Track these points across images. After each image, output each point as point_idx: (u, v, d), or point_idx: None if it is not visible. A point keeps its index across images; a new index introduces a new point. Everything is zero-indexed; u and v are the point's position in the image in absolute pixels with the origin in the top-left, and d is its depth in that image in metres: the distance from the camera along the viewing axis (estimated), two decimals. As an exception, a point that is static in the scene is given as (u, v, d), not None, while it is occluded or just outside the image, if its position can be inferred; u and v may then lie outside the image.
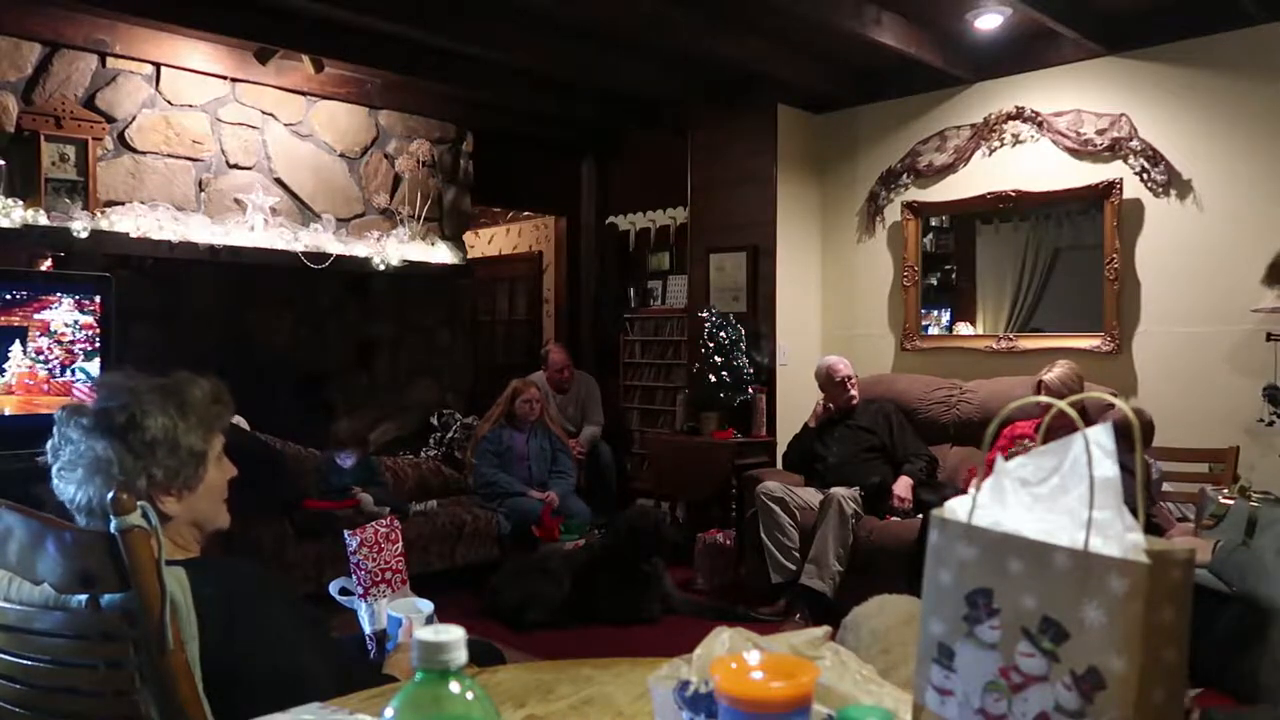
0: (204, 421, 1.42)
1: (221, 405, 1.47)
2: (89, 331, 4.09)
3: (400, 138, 5.70)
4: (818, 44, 4.75)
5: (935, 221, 5.27)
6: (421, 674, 0.69)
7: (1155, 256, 4.38)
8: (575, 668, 1.25)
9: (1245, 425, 4.02)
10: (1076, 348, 4.51)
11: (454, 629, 0.69)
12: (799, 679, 0.75)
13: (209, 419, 1.44)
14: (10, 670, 1.25)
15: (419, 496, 4.88)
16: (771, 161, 5.28)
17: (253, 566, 1.39)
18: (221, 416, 1.47)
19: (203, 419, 1.42)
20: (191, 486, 1.40)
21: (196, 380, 1.45)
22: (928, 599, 0.86)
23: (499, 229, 8.48)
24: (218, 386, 1.48)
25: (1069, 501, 0.77)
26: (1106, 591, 0.71)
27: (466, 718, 0.68)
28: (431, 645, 0.68)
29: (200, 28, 4.44)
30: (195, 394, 1.43)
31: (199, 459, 1.41)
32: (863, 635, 1.56)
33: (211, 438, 1.44)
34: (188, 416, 1.40)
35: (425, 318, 5.85)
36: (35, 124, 4.20)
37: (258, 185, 4.98)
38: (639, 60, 5.11)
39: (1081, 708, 0.72)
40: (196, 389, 1.44)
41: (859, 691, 0.95)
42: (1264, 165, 4.08)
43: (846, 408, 4.56)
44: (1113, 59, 4.46)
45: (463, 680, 0.69)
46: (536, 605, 4.00)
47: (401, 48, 4.78)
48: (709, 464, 5.09)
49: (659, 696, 0.92)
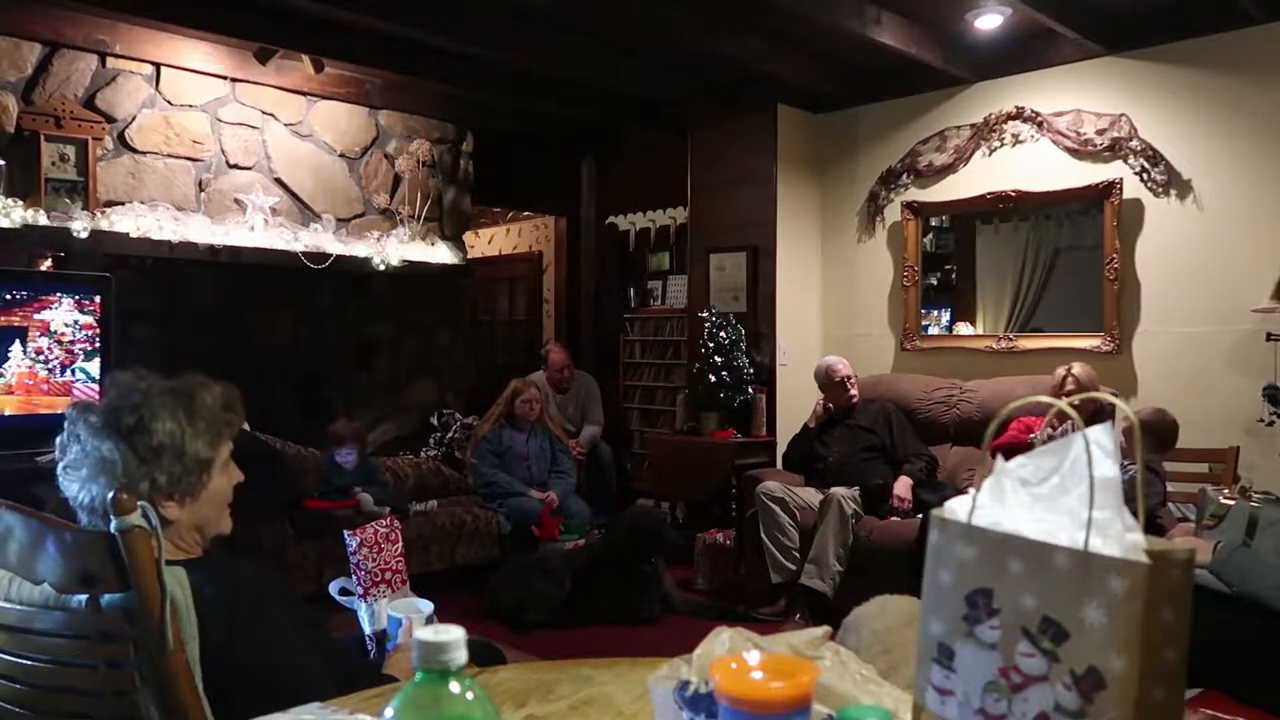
0: (212, 428, 1.41)
1: (232, 413, 1.45)
2: (89, 331, 4.09)
3: (400, 138, 5.70)
4: (818, 44, 4.75)
5: (935, 221, 5.27)
6: (421, 674, 0.69)
7: (1155, 256, 4.38)
8: (575, 668, 1.26)
9: (1245, 425, 4.02)
10: (1076, 348, 4.51)
11: (454, 629, 0.69)
12: (799, 679, 0.75)
13: (218, 425, 1.42)
14: (10, 670, 1.25)
15: (419, 496, 4.88)
16: (771, 161, 5.28)
17: (253, 567, 1.38)
18: (231, 424, 1.45)
19: (211, 425, 1.41)
20: (195, 493, 1.39)
21: (209, 385, 1.44)
22: (927, 599, 0.86)
23: (499, 229, 8.48)
24: (230, 393, 1.46)
25: (1069, 501, 0.77)
26: (1106, 591, 0.71)
27: (467, 718, 0.68)
28: (431, 645, 0.68)
29: (200, 28, 4.44)
30: (206, 399, 1.41)
31: (204, 466, 1.39)
32: (864, 635, 1.56)
33: (219, 444, 1.42)
34: (196, 422, 1.38)
35: (425, 318, 5.85)
36: (35, 124, 4.20)
37: (258, 185, 4.98)
38: (639, 60, 5.11)
39: (1081, 708, 0.72)
40: (208, 394, 1.42)
41: (859, 691, 0.95)
42: (1264, 165, 4.08)
43: (846, 408, 4.56)
44: (1113, 59, 4.46)
45: (463, 680, 0.69)
46: (536, 605, 4.00)
47: (401, 48, 4.78)
48: (709, 464, 5.09)
49: (659, 696, 0.92)
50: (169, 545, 1.29)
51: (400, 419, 5.70)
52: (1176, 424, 3.61)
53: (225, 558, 1.41)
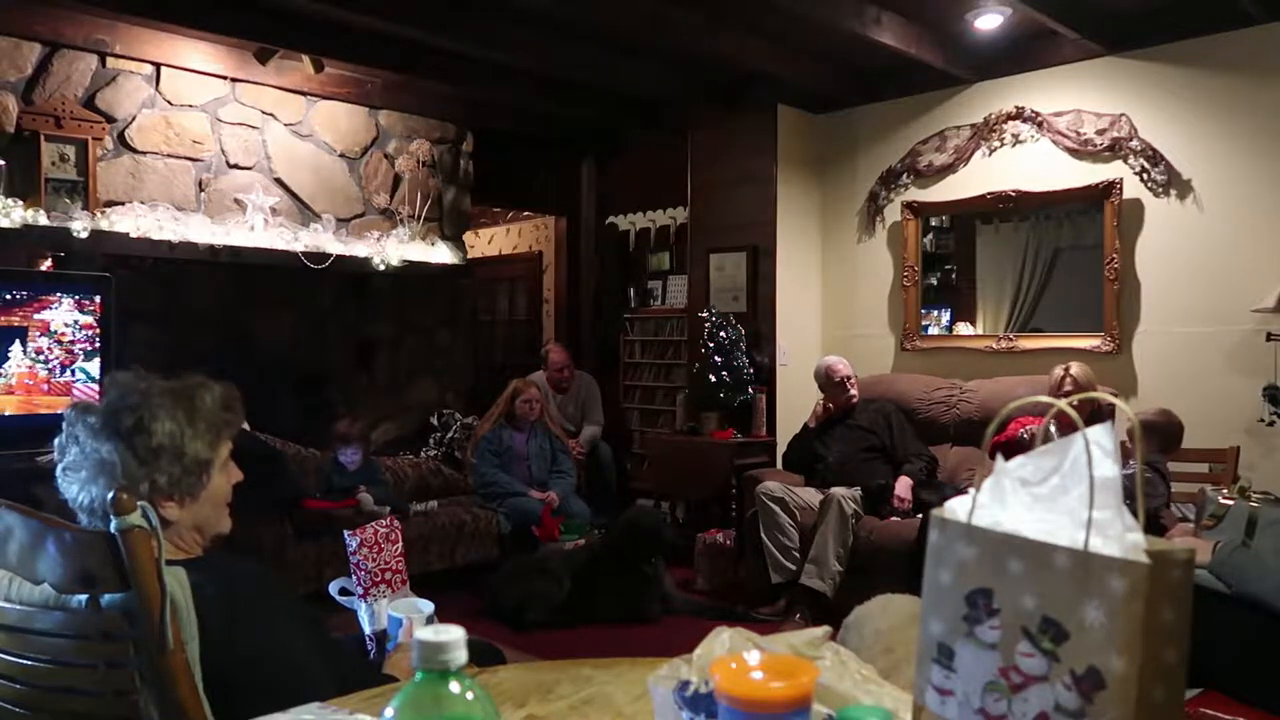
0: (212, 428, 1.40)
1: (232, 413, 1.45)
2: (89, 331, 4.09)
3: (400, 138, 5.70)
4: (818, 44, 4.75)
5: (935, 221, 5.27)
6: (422, 674, 0.69)
7: (1155, 256, 4.38)
8: (575, 668, 1.25)
9: (1245, 425, 4.02)
10: (1076, 348, 4.51)
11: (454, 629, 0.69)
12: (799, 679, 0.75)
13: (217, 426, 1.42)
14: (10, 670, 1.24)
15: (419, 496, 4.89)
16: (771, 162, 5.28)
17: (253, 566, 1.38)
18: (231, 424, 1.45)
19: (211, 426, 1.40)
20: (194, 494, 1.39)
21: (209, 385, 1.43)
22: (927, 599, 0.86)
23: (499, 229, 8.48)
24: (229, 393, 1.46)
25: (1069, 501, 0.77)
26: (1106, 591, 0.71)
27: (467, 717, 0.68)
28: (432, 645, 0.68)
29: (200, 28, 4.44)
30: (206, 400, 1.41)
31: (203, 466, 1.39)
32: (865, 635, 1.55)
33: (219, 445, 1.42)
34: (195, 423, 1.38)
35: (425, 318, 5.85)
36: (35, 124, 4.20)
37: (258, 185, 4.98)
38: (639, 60, 5.11)
39: (1081, 708, 0.72)
40: (207, 394, 1.42)
41: (859, 691, 0.95)
42: (1264, 165, 4.08)
43: (846, 407, 4.56)
44: (1113, 59, 4.46)
45: (463, 680, 0.69)
46: (536, 605, 4.00)
47: (401, 48, 4.78)
48: (709, 464, 5.09)
49: (659, 696, 0.92)
50: (169, 545, 1.29)
51: (400, 419, 5.70)
52: (1182, 425, 3.61)
53: (225, 557, 1.41)
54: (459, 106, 5.82)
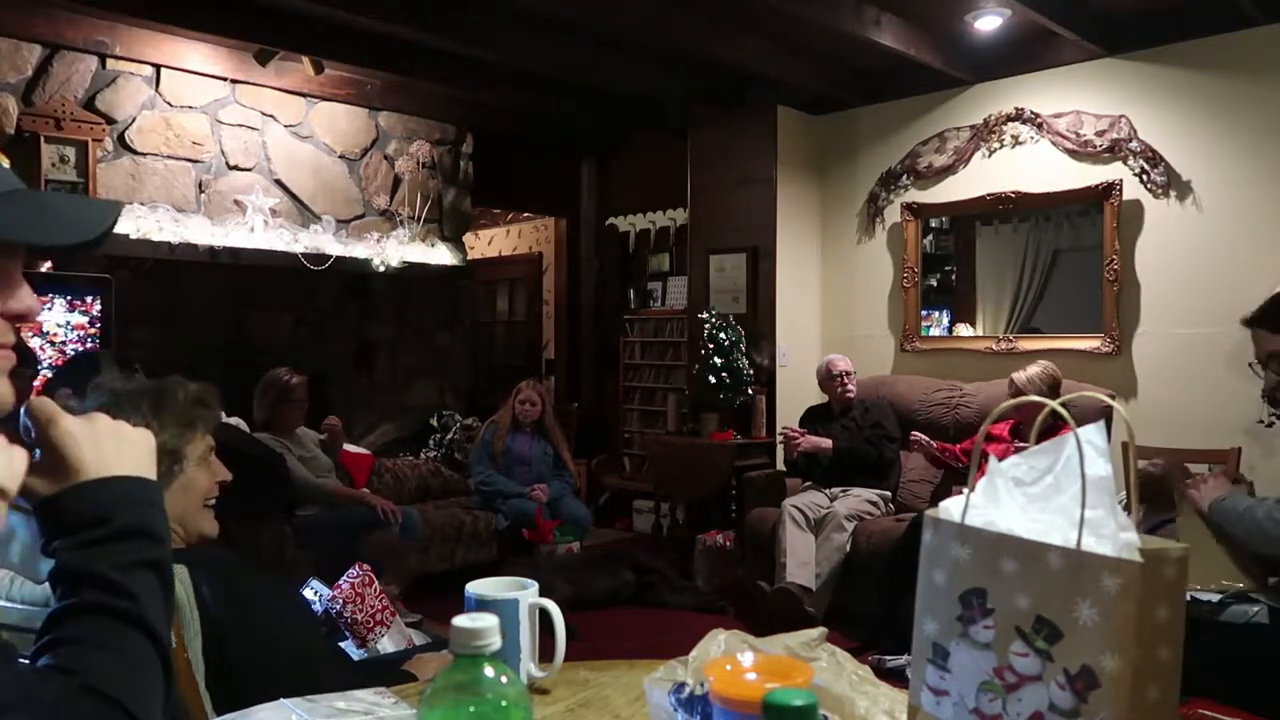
0: (180, 420, 1.42)
1: (205, 407, 1.47)
2: (80, 332, 4.09)
3: (400, 139, 5.70)
4: (818, 45, 4.75)
5: (935, 223, 5.27)
6: (456, 658, 0.72)
7: (1155, 257, 4.38)
8: (572, 670, 1.25)
9: (1246, 426, 4.01)
10: (1076, 349, 4.51)
11: (488, 616, 0.73)
12: (793, 680, 0.75)
13: (188, 417, 1.44)
14: (10, 670, 1.25)
15: (419, 498, 4.88)
16: (771, 163, 5.28)
17: (250, 561, 1.41)
18: (205, 419, 1.47)
19: (180, 417, 1.42)
20: (166, 484, 1.39)
21: (184, 383, 1.46)
22: (922, 599, 0.86)
23: (499, 230, 8.48)
24: (205, 390, 1.48)
25: (1062, 501, 0.77)
26: (1100, 590, 0.71)
27: (500, 698, 0.71)
28: (467, 630, 0.72)
29: (200, 29, 4.45)
30: (178, 395, 1.44)
31: (172, 456, 1.41)
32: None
33: (190, 435, 1.44)
34: (162, 416, 1.40)
35: (425, 319, 5.85)
36: (35, 125, 4.20)
37: (258, 186, 4.99)
38: (639, 60, 5.11)
39: (1075, 707, 0.73)
40: (180, 390, 1.44)
41: (854, 692, 0.95)
42: (1264, 166, 4.08)
43: (843, 404, 4.58)
44: (1112, 60, 4.46)
45: (497, 665, 0.73)
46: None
47: (401, 48, 4.78)
48: (709, 465, 5.09)
49: (655, 698, 0.92)
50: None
51: (400, 420, 5.70)
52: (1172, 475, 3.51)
53: (219, 551, 1.43)
54: (459, 107, 5.82)
